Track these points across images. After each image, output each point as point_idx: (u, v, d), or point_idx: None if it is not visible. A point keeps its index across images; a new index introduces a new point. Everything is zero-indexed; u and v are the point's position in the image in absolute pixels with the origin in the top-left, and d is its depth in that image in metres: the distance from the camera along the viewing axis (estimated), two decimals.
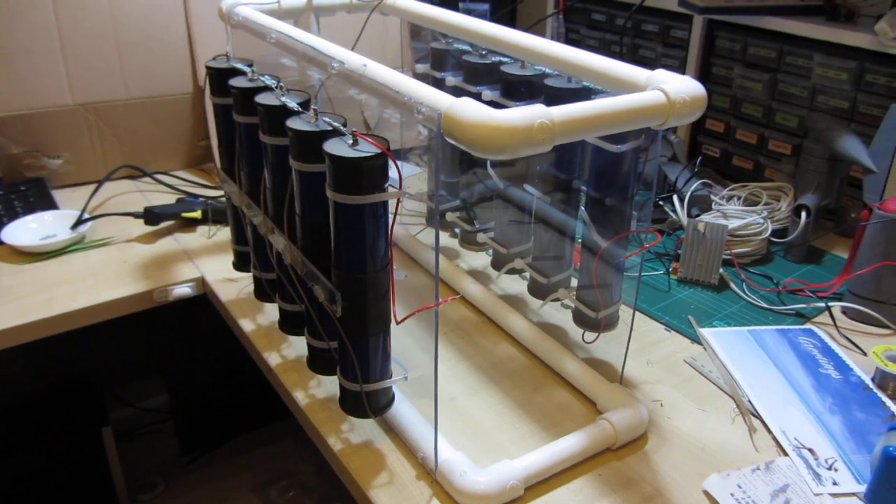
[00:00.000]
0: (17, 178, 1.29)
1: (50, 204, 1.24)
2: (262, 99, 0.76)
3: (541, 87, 0.84)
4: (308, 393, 0.84)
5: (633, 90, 0.65)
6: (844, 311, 1.02)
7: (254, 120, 0.79)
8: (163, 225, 1.20)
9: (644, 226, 0.88)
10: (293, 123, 0.69)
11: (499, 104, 0.75)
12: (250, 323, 0.97)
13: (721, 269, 1.07)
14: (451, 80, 0.99)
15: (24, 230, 1.14)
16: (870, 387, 0.86)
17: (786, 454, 0.76)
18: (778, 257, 1.16)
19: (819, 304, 1.02)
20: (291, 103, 0.72)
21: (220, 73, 0.88)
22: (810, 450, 0.76)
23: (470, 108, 0.56)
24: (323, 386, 0.85)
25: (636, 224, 0.81)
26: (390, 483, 0.71)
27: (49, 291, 1.02)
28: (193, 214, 1.21)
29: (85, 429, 1.37)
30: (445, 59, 1.02)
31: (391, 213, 0.66)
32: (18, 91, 1.25)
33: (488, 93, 0.90)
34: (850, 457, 0.75)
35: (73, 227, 1.15)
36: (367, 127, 1.43)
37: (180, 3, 1.34)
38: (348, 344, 0.69)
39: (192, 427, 1.69)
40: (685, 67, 1.44)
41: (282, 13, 1.03)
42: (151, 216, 1.18)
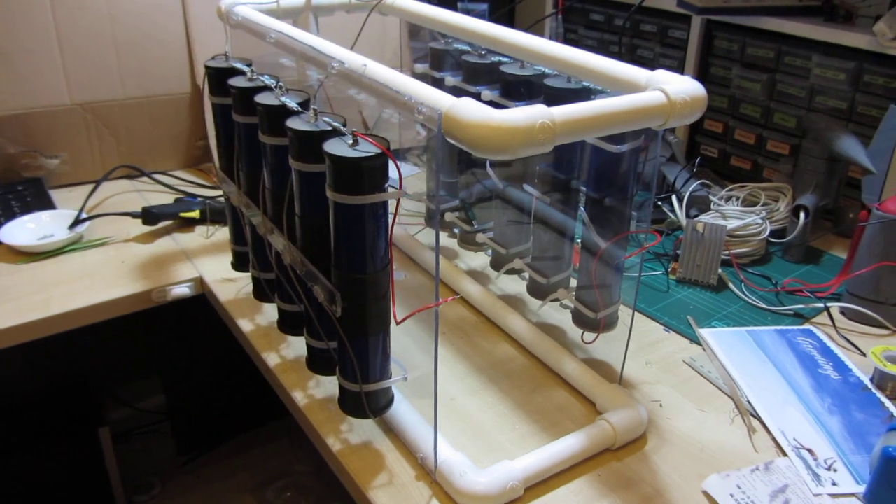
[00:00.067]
0: (14, 177, 1.29)
1: (47, 204, 1.23)
2: (262, 99, 0.76)
3: (540, 88, 0.84)
4: (307, 393, 0.84)
5: (633, 90, 0.65)
6: (843, 311, 1.02)
7: (253, 120, 0.79)
8: (161, 225, 1.20)
9: (643, 226, 0.88)
10: (293, 123, 0.69)
11: (498, 104, 0.75)
12: (249, 323, 0.97)
13: (720, 270, 1.07)
14: (451, 80, 0.99)
15: (21, 230, 1.14)
16: (868, 387, 0.86)
17: (785, 455, 0.76)
18: (776, 258, 1.17)
19: (818, 305, 1.02)
20: (291, 103, 0.72)
21: (219, 73, 0.88)
22: (809, 450, 0.76)
23: (471, 109, 0.56)
24: (322, 386, 0.85)
25: (635, 224, 0.81)
26: (390, 483, 0.71)
27: (47, 291, 1.01)
28: (191, 214, 1.21)
29: (82, 429, 1.37)
30: (444, 59, 1.02)
31: (391, 213, 0.66)
32: (16, 90, 1.24)
33: (487, 93, 0.90)
34: (849, 457, 0.75)
35: (71, 226, 1.15)
36: (366, 126, 1.43)
37: (178, 2, 1.34)
38: (348, 344, 0.69)
39: (189, 427, 1.69)
40: (683, 68, 1.44)
41: (281, 13, 1.02)
42: (149, 216, 1.18)
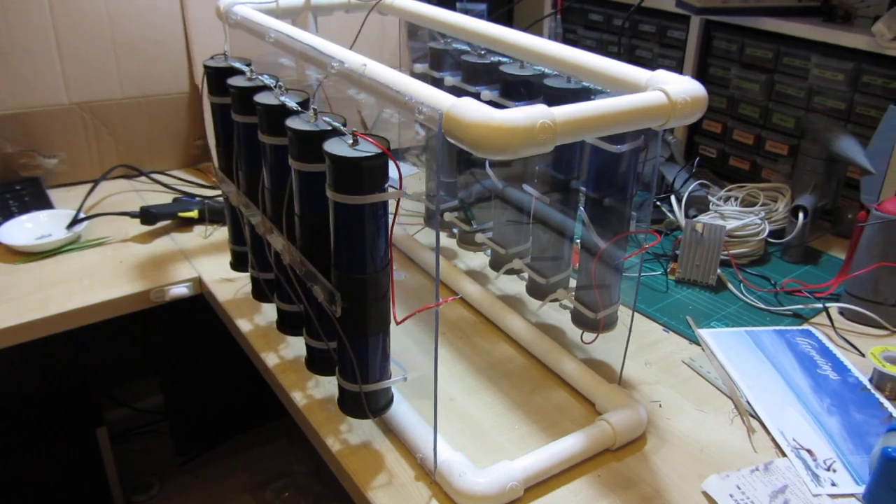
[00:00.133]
0: (12, 177, 1.29)
1: (45, 203, 1.23)
2: (261, 98, 0.75)
3: (540, 88, 0.84)
4: (306, 393, 0.84)
5: (633, 91, 0.65)
6: (842, 311, 1.02)
7: (252, 119, 0.79)
8: (159, 225, 1.20)
9: (643, 226, 0.88)
10: (293, 123, 0.69)
11: (498, 104, 0.75)
12: (248, 323, 0.96)
13: (719, 270, 1.07)
14: (450, 79, 0.99)
15: (19, 230, 1.14)
16: (867, 388, 0.86)
17: (784, 455, 0.76)
18: (775, 258, 1.17)
19: (816, 305, 1.02)
20: (291, 103, 0.72)
21: (218, 73, 0.88)
22: (809, 451, 0.76)
23: (471, 108, 0.56)
24: (321, 386, 0.85)
25: (635, 225, 0.81)
26: (389, 484, 0.71)
27: (45, 291, 1.01)
28: (190, 214, 1.21)
29: (80, 429, 1.36)
30: (444, 58, 1.02)
31: (391, 213, 0.66)
32: (14, 90, 1.24)
33: (487, 93, 0.90)
34: (848, 458, 0.75)
35: (69, 226, 1.14)
36: (365, 126, 1.43)
37: (177, 2, 1.34)
38: (347, 344, 0.69)
39: (187, 427, 1.69)
40: (682, 68, 1.44)
41: (280, 12, 1.02)
42: (148, 216, 1.18)
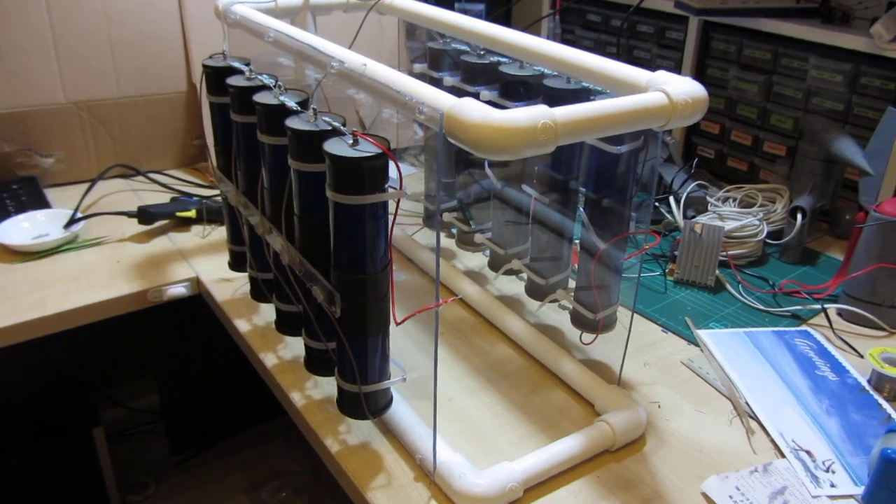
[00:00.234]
0: (9, 176, 1.28)
1: (42, 203, 1.23)
2: (260, 98, 0.75)
3: (539, 88, 0.83)
4: (305, 394, 0.83)
5: (633, 91, 0.65)
6: (840, 312, 1.02)
7: (251, 119, 0.78)
8: (157, 224, 1.19)
9: (642, 227, 0.88)
10: (292, 123, 0.68)
11: (497, 104, 0.75)
12: (246, 323, 0.96)
13: (717, 271, 1.07)
14: (449, 79, 0.98)
15: (16, 229, 1.13)
16: (866, 389, 0.86)
17: (783, 456, 0.76)
18: (773, 259, 1.17)
19: (815, 306, 1.02)
20: (290, 102, 0.72)
21: (217, 72, 0.87)
22: (808, 452, 0.76)
23: (472, 109, 0.56)
24: (320, 387, 0.84)
25: (634, 225, 0.81)
26: (388, 485, 0.71)
27: (42, 291, 1.01)
28: (188, 214, 1.20)
29: (76, 429, 1.36)
30: (443, 58, 1.02)
31: (391, 213, 0.66)
32: (11, 89, 1.24)
33: (486, 93, 0.90)
34: (847, 459, 0.75)
35: (66, 226, 1.14)
36: (363, 126, 1.42)
37: (174, 1, 1.33)
38: (347, 345, 0.69)
39: (184, 427, 1.68)
40: (680, 69, 1.44)
41: (278, 12, 1.02)
42: (145, 215, 1.17)
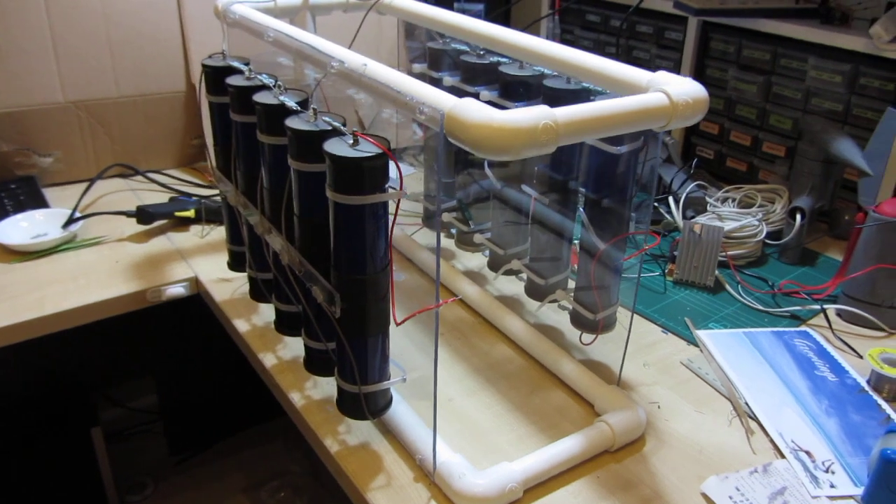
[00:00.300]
0: (7, 176, 1.28)
1: (41, 202, 1.22)
2: (260, 98, 0.75)
3: (539, 88, 0.83)
4: (304, 394, 0.83)
5: (634, 92, 0.65)
6: (839, 313, 1.02)
7: (251, 119, 0.78)
8: (155, 224, 1.19)
9: (642, 228, 0.88)
10: (292, 123, 0.68)
11: (497, 105, 0.75)
12: (245, 323, 0.96)
13: (716, 271, 1.07)
14: (448, 80, 0.98)
15: (14, 229, 1.13)
16: (865, 389, 0.86)
17: (783, 457, 0.76)
18: (772, 259, 1.17)
19: (814, 307, 1.02)
20: (290, 102, 0.72)
21: (217, 72, 0.87)
22: (807, 452, 0.76)
23: (473, 109, 0.56)
24: (319, 387, 0.84)
25: (634, 226, 0.81)
26: (388, 485, 0.71)
27: (40, 291, 1.01)
28: (187, 213, 1.20)
29: (75, 429, 1.36)
30: (442, 58, 1.02)
31: (391, 213, 0.66)
32: (9, 88, 1.23)
33: (486, 93, 0.90)
34: (846, 459, 0.76)
35: (65, 225, 1.14)
36: (362, 126, 1.42)
37: (174, 1, 1.33)
38: (347, 345, 0.69)
39: (182, 427, 1.68)
40: (679, 69, 1.44)
41: (278, 11, 1.02)
42: (144, 215, 1.17)
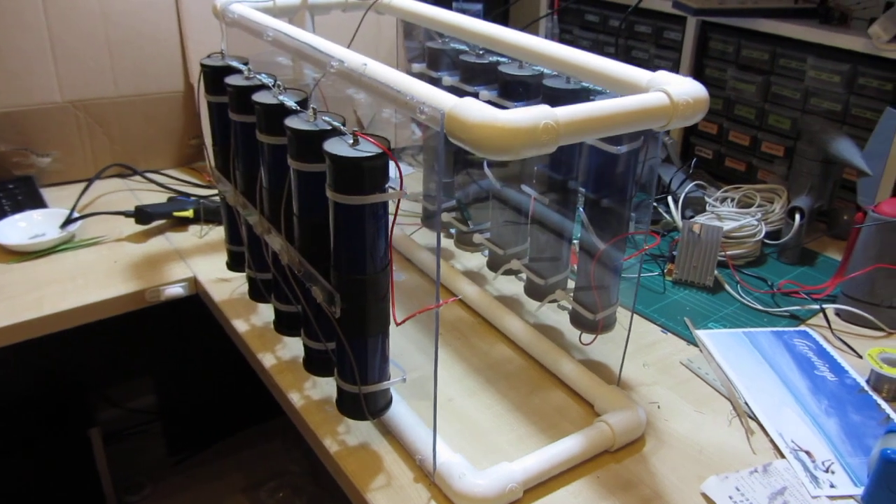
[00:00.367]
0: (5, 176, 1.27)
1: (39, 202, 1.22)
2: (259, 97, 0.75)
3: (539, 88, 0.83)
4: (303, 394, 0.83)
5: (634, 92, 0.65)
6: (838, 313, 1.02)
7: (250, 118, 0.78)
8: (154, 224, 1.19)
9: (642, 228, 0.88)
10: (292, 122, 0.68)
11: (496, 104, 0.75)
12: (244, 324, 0.96)
13: (716, 271, 1.07)
14: (448, 79, 0.98)
15: (12, 229, 1.13)
16: (865, 389, 0.87)
17: (783, 457, 0.76)
18: (771, 259, 1.17)
19: (813, 307, 1.02)
20: (289, 102, 0.72)
21: (215, 72, 0.87)
22: (807, 452, 0.76)
23: (473, 109, 0.56)
24: (318, 387, 0.84)
25: (634, 226, 0.80)
26: (388, 486, 0.71)
27: (38, 291, 1.00)
28: (185, 213, 1.20)
29: (73, 429, 1.35)
30: (441, 58, 1.02)
31: (391, 213, 0.65)
32: (7, 88, 1.23)
33: (485, 93, 0.90)
34: (846, 459, 0.76)
35: (63, 225, 1.13)
36: (361, 126, 1.42)
37: (172, 0, 1.33)
38: (347, 345, 0.69)
39: (181, 428, 1.68)
40: (678, 69, 1.44)
41: (277, 11, 1.02)
42: (143, 215, 1.17)
